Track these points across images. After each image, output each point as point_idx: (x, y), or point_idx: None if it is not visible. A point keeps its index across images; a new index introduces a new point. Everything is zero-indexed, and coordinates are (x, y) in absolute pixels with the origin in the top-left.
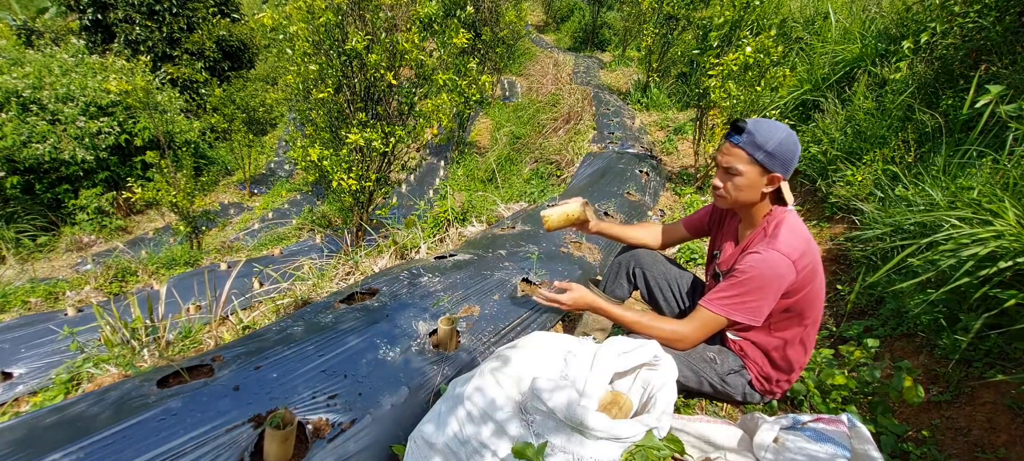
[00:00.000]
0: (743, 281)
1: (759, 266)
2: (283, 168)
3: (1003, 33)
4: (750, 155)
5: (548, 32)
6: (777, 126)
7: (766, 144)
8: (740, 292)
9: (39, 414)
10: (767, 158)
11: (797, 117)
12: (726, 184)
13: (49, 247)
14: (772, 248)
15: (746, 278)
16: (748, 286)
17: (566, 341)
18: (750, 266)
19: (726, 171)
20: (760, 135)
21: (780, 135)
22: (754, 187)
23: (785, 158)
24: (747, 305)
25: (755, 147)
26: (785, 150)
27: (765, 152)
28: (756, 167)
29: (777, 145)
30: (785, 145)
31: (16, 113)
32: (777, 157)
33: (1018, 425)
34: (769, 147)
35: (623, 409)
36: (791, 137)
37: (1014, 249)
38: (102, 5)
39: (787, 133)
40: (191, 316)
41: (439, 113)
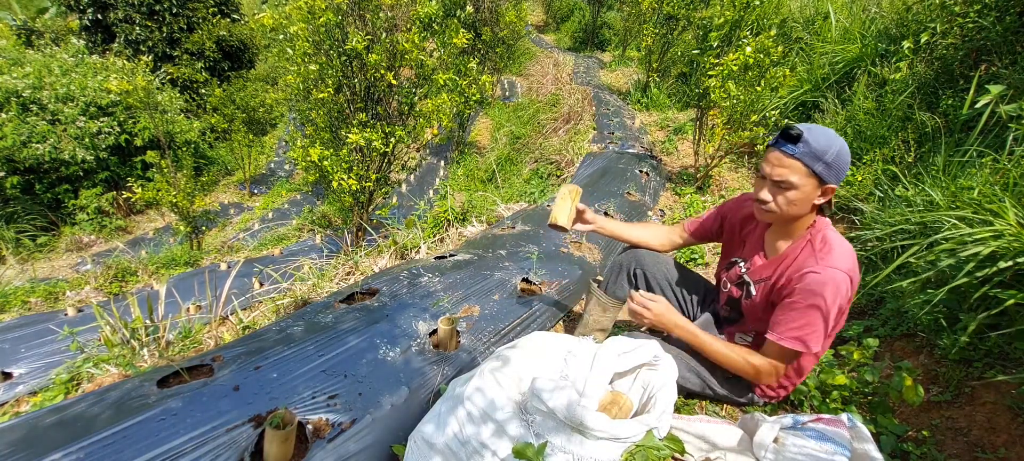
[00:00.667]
0: (812, 306)
1: (825, 288)
2: (283, 168)
3: (1003, 33)
4: (808, 167)
5: (548, 32)
6: (831, 133)
7: (825, 154)
8: (810, 318)
9: (39, 414)
10: (825, 169)
11: (797, 117)
12: (776, 198)
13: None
14: (831, 266)
15: (813, 302)
16: (818, 311)
17: (566, 341)
18: (815, 288)
19: (777, 184)
20: (818, 144)
21: (838, 144)
22: (808, 200)
23: (842, 167)
24: (819, 330)
25: (813, 158)
26: (843, 159)
27: (824, 163)
28: (813, 179)
29: (836, 155)
30: (843, 154)
31: (16, 113)
32: (834, 167)
33: (1018, 425)
34: (828, 158)
35: (623, 409)
36: (845, 148)
37: (1014, 249)
38: (102, 5)
39: (841, 140)
40: (191, 316)
41: (439, 113)
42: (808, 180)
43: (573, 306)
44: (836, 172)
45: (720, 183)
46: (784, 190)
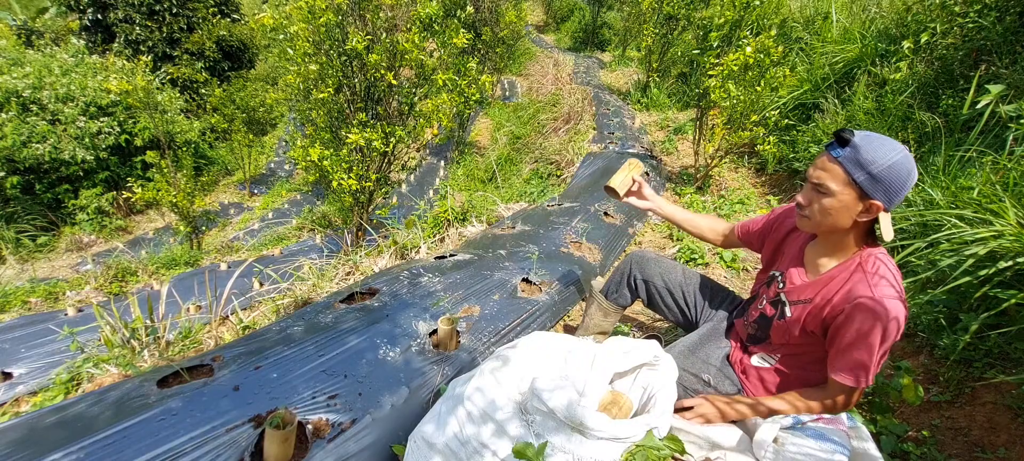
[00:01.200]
0: (870, 338)
1: (881, 317)
2: (283, 168)
3: (1003, 33)
4: (848, 174)
5: (548, 32)
6: (891, 146)
7: (871, 164)
8: (866, 352)
9: (39, 414)
10: (868, 181)
11: (797, 117)
12: (813, 204)
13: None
14: (889, 296)
15: (872, 334)
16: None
17: (566, 341)
18: (870, 317)
19: (816, 187)
20: (866, 152)
21: (893, 157)
22: (846, 212)
23: (893, 185)
24: (872, 365)
25: (857, 166)
26: (894, 175)
27: (867, 174)
28: (853, 189)
29: (886, 168)
30: (896, 169)
31: (16, 113)
32: (882, 182)
33: (1018, 425)
34: (874, 169)
35: (623, 409)
36: (908, 162)
37: (1014, 249)
38: (102, 5)
39: (902, 156)
40: (191, 316)
41: (439, 113)
42: (847, 189)
43: (573, 306)
44: (885, 188)
45: (720, 183)
46: (821, 195)
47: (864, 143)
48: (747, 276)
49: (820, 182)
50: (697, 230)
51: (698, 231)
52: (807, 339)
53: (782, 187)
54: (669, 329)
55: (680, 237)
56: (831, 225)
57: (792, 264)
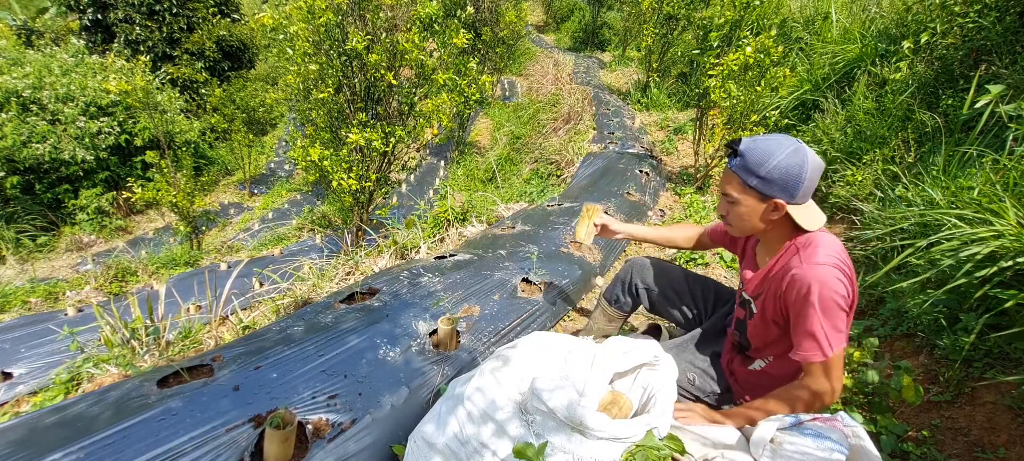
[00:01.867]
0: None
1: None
2: (283, 168)
3: (1003, 33)
4: (743, 181)
5: (548, 32)
6: (779, 144)
7: (759, 168)
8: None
9: (39, 414)
10: (762, 183)
11: (797, 117)
12: (729, 213)
13: (49, 247)
14: (814, 263)
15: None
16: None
17: (566, 341)
18: (804, 286)
19: (725, 197)
20: (752, 158)
21: (778, 156)
22: (755, 214)
23: (787, 181)
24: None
25: (747, 172)
26: (784, 172)
27: (758, 177)
28: (752, 194)
29: (773, 168)
30: (784, 167)
31: (16, 113)
32: (775, 181)
33: (1018, 425)
34: (763, 172)
35: (623, 409)
36: (797, 155)
37: (1014, 249)
38: (102, 5)
39: (790, 151)
40: (191, 316)
41: (439, 113)
42: (747, 195)
43: (573, 306)
44: (780, 186)
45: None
46: (731, 204)
47: (750, 150)
48: None
49: (726, 193)
50: (671, 242)
51: (672, 243)
52: (783, 333)
53: None
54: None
55: None
56: (750, 228)
57: (747, 266)
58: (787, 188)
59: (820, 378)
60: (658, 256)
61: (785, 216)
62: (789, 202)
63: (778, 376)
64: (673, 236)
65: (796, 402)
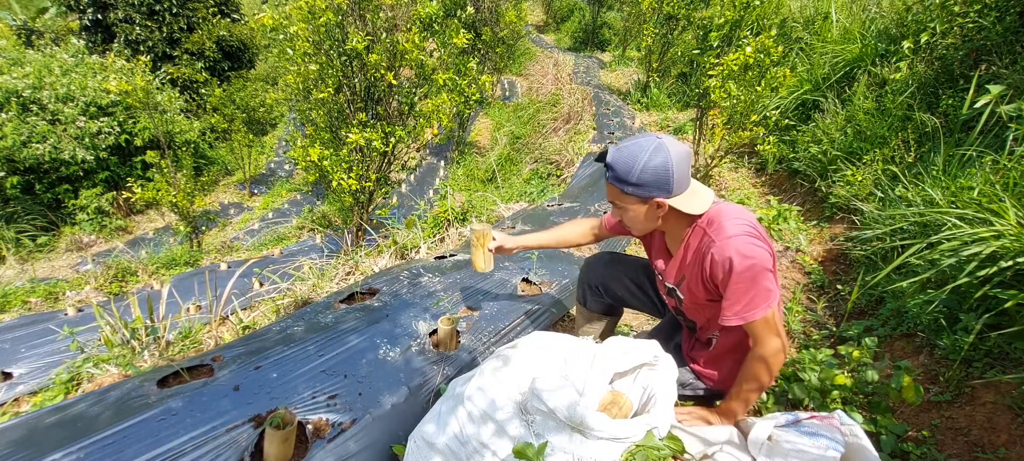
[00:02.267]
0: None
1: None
2: (283, 168)
3: (1003, 33)
4: (621, 190)
5: (548, 32)
6: (642, 147)
7: (629, 176)
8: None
9: (39, 414)
10: (637, 189)
11: (797, 117)
12: (622, 218)
13: (49, 247)
14: (728, 237)
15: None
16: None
17: (566, 341)
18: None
19: (613, 204)
20: (620, 168)
21: (642, 159)
22: (644, 216)
23: (658, 180)
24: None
25: (621, 181)
26: (653, 173)
27: (632, 185)
28: (633, 199)
29: (642, 172)
30: (651, 168)
31: (16, 113)
32: (648, 185)
33: (1018, 425)
34: (634, 178)
35: (623, 409)
36: (659, 153)
37: (1014, 249)
38: (102, 5)
39: (653, 150)
40: (191, 316)
41: (439, 113)
42: (629, 201)
43: (573, 306)
44: (655, 186)
45: (720, 183)
46: (621, 211)
47: (616, 160)
48: None
49: (612, 201)
50: (568, 241)
51: (569, 242)
52: (712, 304)
53: (782, 187)
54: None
55: None
56: (648, 227)
57: (660, 257)
58: (661, 186)
59: (768, 337)
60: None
61: (671, 210)
62: (668, 198)
63: (731, 346)
64: (565, 236)
65: (760, 372)
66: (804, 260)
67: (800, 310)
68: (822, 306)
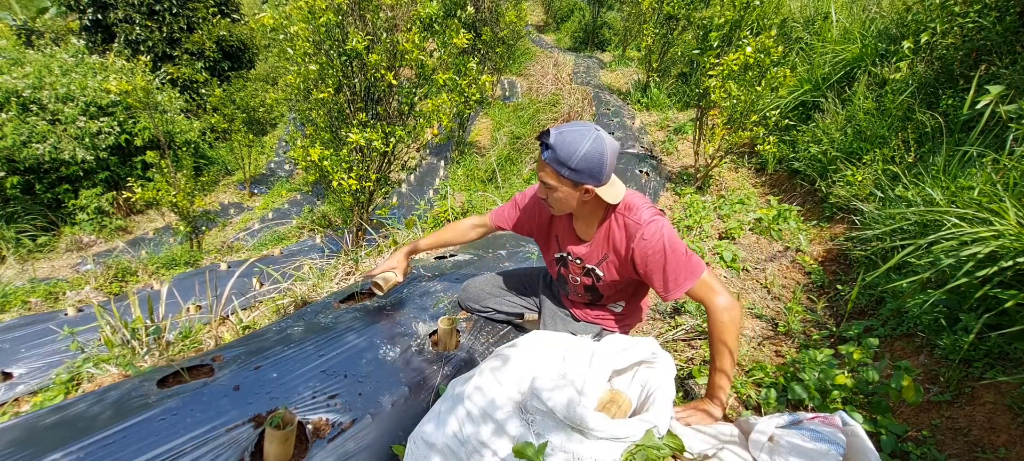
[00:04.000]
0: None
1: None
2: (283, 168)
3: (1003, 33)
4: (557, 172)
5: (548, 32)
6: (582, 136)
7: (569, 160)
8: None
9: (39, 414)
10: (573, 174)
11: (797, 117)
12: (548, 197)
13: (49, 247)
14: (647, 221)
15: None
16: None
17: (565, 339)
18: (655, 245)
19: (543, 184)
20: (561, 152)
21: (584, 147)
22: (572, 198)
23: (592, 169)
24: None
25: (559, 164)
26: (590, 162)
27: (569, 168)
28: (567, 183)
29: (581, 159)
30: (589, 157)
31: (16, 113)
32: (583, 171)
33: (1018, 425)
34: (572, 163)
35: (622, 408)
36: (597, 144)
37: (1014, 249)
38: (102, 5)
39: (592, 142)
40: (191, 316)
41: (439, 113)
42: (562, 183)
43: None
44: (588, 174)
45: (720, 183)
46: (550, 191)
47: (559, 144)
48: (747, 276)
49: (544, 181)
50: (458, 239)
51: (459, 239)
52: (629, 280)
53: (782, 187)
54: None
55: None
56: (568, 208)
57: (570, 242)
58: (594, 175)
59: (715, 294)
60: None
61: (594, 197)
62: (597, 186)
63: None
64: (446, 237)
65: (726, 334)
66: (804, 260)
67: (800, 310)
68: (822, 306)
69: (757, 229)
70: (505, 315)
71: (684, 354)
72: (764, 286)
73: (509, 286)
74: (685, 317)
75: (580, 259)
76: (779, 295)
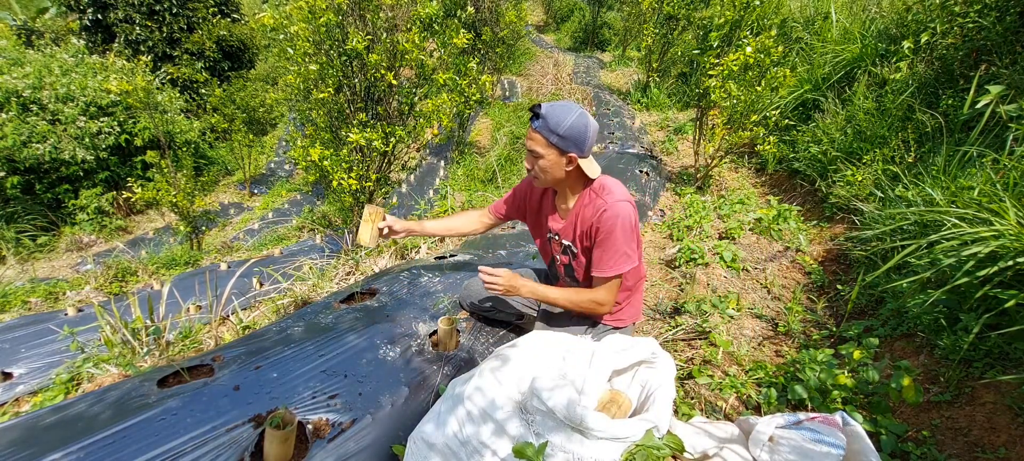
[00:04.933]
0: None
1: (617, 218)
2: (283, 168)
3: (1003, 33)
4: (546, 139)
5: (548, 32)
6: (569, 109)
7: (558, 127)
8: (618, 247)
9: (39, 414)
10: (561, 141)
11: (797, 117)
12: (534, 166)
13: (49, 247)
14: (616, 200)
15: (615, 233)
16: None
17: (565, 339)
18: (610, 222)
19: (531, 153)
20: (552, 119)
21: (571, 118)
22: (556, 166)
23: (577, 138)
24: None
25: (549, 131)
26: (576, 132)
27: (557, 135)
28: (553, 149)
29: (568, 128)
30: (576, 127)
31: (16, 113)
32: (570, 138)
33: (1018, 425)
34: (561, 130)
35: (622, 408)
36: (582, 118)
37: (1014, 249)
38: (102, 5)
39: (578, 115)
40: (191, 316)
41: (439, 113)
42: (550, 150)
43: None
44: (574, 142)
45: (720, 183)
46: (536, 159)
47: (549, 113)
48: (747, 276)
49: (532, 149)
50: (457, 231)
51: (458, 231)
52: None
53: (782, 187)
54: None
55: (680, 237)
56: (553, 179)
57: (553, 220)
58: (578, 144)
59: (607, 294)
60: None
61: (577, 167)
62: (580, 156)
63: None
64: (455, 225)
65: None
66: (804, 260)
67: (800, 310)
68: (822, 306)
69: (757, 229)
70: (505, 315)
71: (684, 354)
72: (764, 286)
73: None
74: (685, 317)
75: (558, 234)
76: (779, 295)
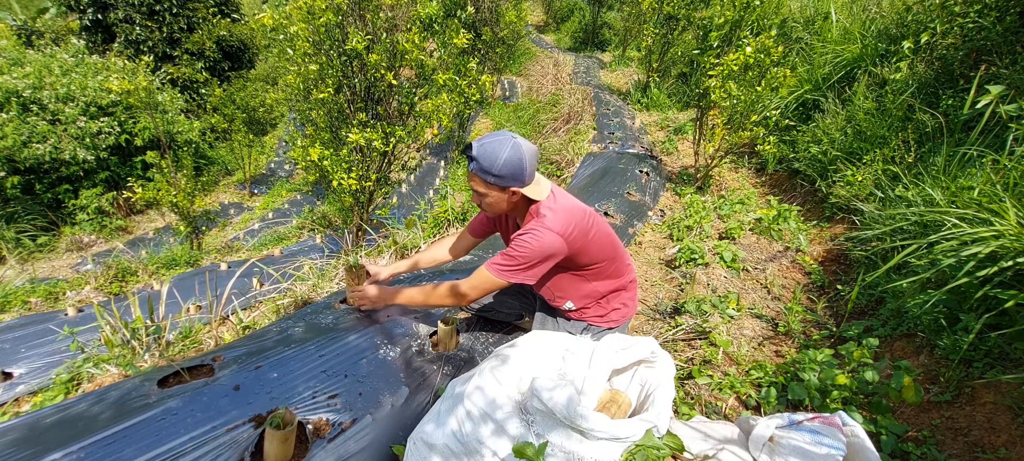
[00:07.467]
0: (519, 254)
1: (531, 243)
2: (283, 168)
3: (1003, 33)
4: (483, 180)
5: (548, 32)
6: (502, 144)
7: (492, 167)
8: (516, 262)
9: (40, 414)
10: (498, 180)
11: (797, 117)
12: (482, 203)
13: (49, 247)
14: (541, 227)
15: (522, 252)
16: (523, 258)
17: (564, 339)
18: (525, 243)
19: (475, 193)
20: (485, 160)
21: (504, 153)
22: (501, 202)
23: (514, 173)
24: (523, 272)
25: (484, 172)
26: (511, 166)
27: (494, 175)
28: (494, 188)
29: (503, 165)
30: (510, 162)
31: (16, 113)
32: (506, 175)
33: (1018, 425)
34: (495, 169)
35: (622, 407)
36: (515, 150)
37: (1014, 249)
38: (102, 5)
39: (511, 148)
40: (191, 316)
41: (439, 113)
42: (491, 189)
43: None
44: (512, 177)
45: (720, 183)
46: (482, 197)
47: (481, 154)
48: (747, 276)
49: (474, 190)
50: (436, 261)
51: (437, 260)
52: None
53: (782, 187)
54: None
55: (680, 237)
56: (502, 211)
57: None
58: (516, 177)
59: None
60: None
61: (521, 196)
62: (521, 186)
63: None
64: (434, 255)
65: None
66: (804, 260)
67: (800, 310)
68: (822, 306)
69: (757, 229)
70: (504, 315)
71: (684, 354)
72: (764, 286)
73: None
74: (685, 317)
75: None
76: (779, 295)
